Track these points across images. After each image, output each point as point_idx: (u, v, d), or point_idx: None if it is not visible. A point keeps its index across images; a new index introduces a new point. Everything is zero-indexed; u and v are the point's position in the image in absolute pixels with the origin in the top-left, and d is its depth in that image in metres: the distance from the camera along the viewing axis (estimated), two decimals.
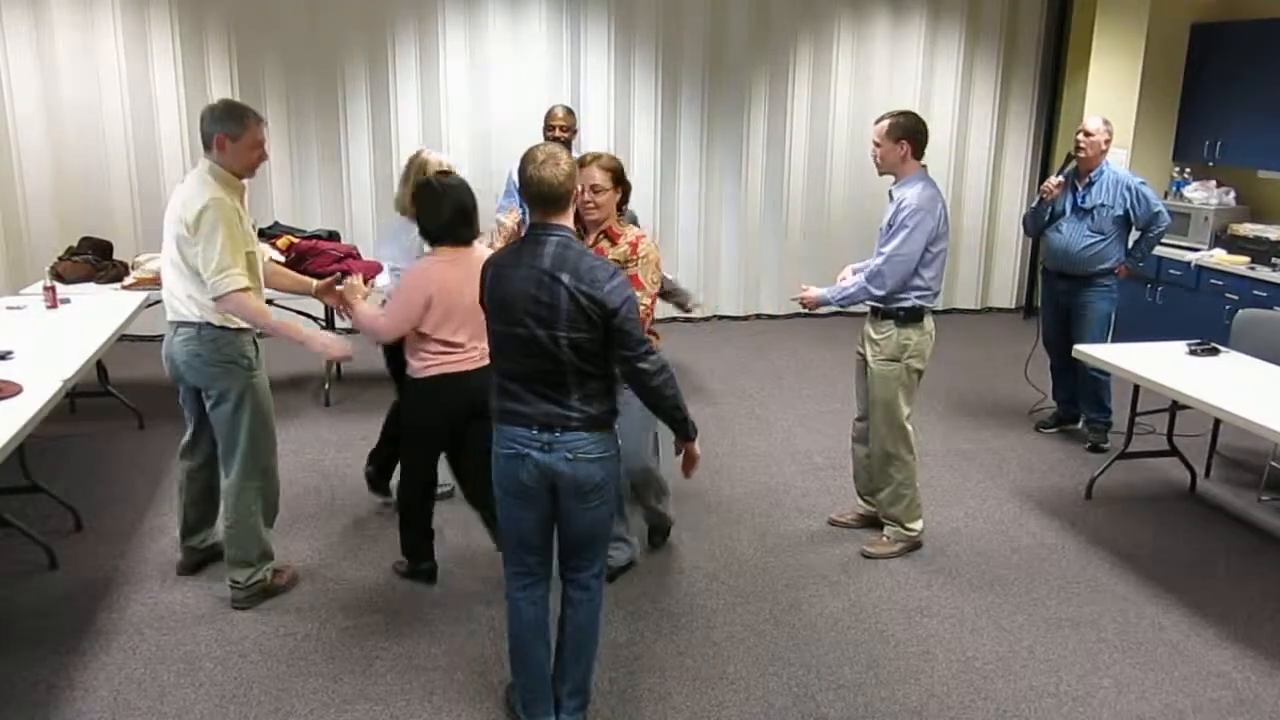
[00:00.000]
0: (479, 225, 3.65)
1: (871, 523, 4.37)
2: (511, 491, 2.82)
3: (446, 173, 3.80)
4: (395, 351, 3.94)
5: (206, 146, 3.47)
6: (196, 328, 3.48)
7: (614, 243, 3.62)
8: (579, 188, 2.91)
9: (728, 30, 7.90)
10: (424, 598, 3.81)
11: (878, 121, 4.01)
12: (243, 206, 3.53)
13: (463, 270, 3.48)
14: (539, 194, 2.69)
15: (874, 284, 3.99)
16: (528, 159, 2.70)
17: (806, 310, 4.25)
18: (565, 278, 2.62)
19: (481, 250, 3.59)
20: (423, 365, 3.60)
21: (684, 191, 8.13)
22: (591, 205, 3.53)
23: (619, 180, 3.59)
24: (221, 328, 3.48)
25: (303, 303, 5.26)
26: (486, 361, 2.96)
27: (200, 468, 3.80)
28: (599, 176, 3.52)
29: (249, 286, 3.42)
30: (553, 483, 2.77)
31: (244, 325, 3.53)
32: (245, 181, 3.56)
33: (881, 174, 4.08)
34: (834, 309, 4.24)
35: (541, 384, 2.71)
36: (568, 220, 2.74)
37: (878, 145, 4.00)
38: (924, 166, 3.99)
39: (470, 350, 3.59)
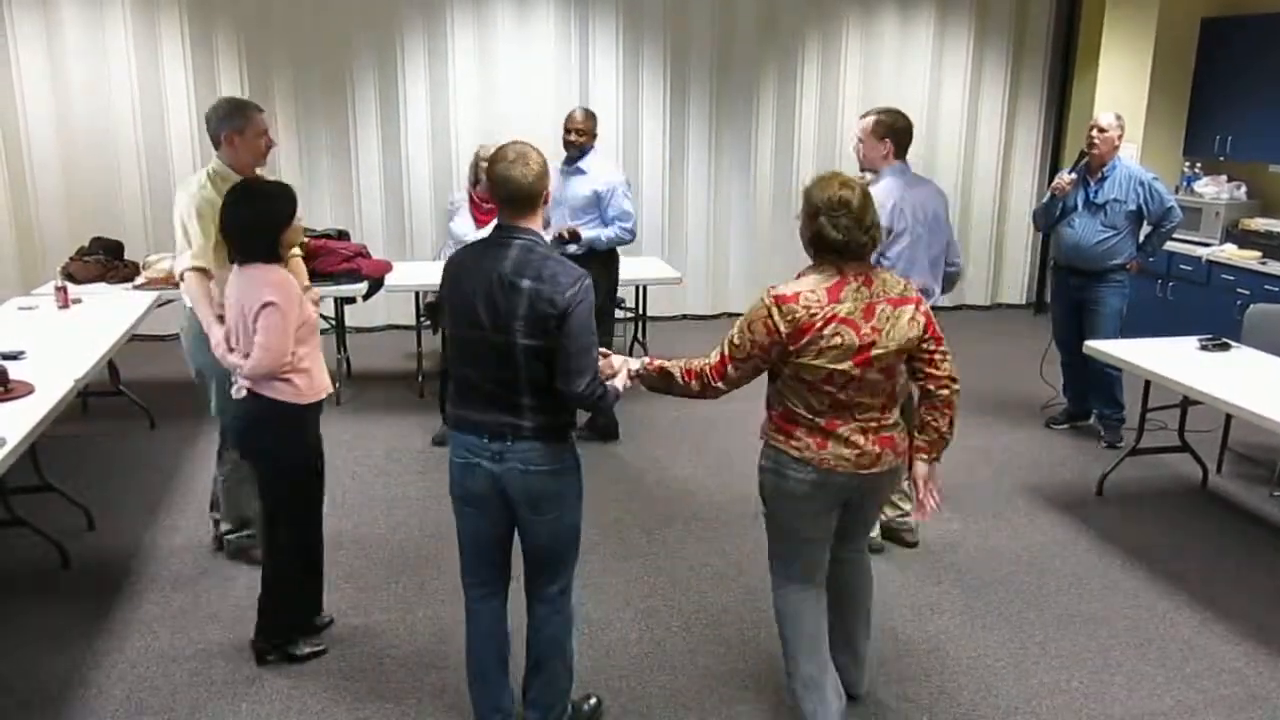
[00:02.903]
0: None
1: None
2: (465, 500, 2.74)
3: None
4: None
5: (216, 145, 3.60)
6: None
7: None
8: (550, 189, 2.69)
9: (736, 28, 7.88)
10: (433, 596, 3.82)
11: (863, 117, 4.03)
12: None
13: None
14: (507, 194, 2.59)
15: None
16: (497, 157, 2.60)
17: None
18: (526, 283, 2.51)
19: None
20: None
21: (692, 190, 8.12)
22: None
23: None
24: None
25: None
26: None
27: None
28: None
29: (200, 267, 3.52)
30: (505, 493, 2.67)
31: None
32: (260, 171, 3.66)
33: (862, 170, 4.08)
34: None
35: (494, 391, 2.60)
36: (536, 223, 2.65)
37: (860, 141, 4.03)
38: (905, 163, 4.00)
39: None
